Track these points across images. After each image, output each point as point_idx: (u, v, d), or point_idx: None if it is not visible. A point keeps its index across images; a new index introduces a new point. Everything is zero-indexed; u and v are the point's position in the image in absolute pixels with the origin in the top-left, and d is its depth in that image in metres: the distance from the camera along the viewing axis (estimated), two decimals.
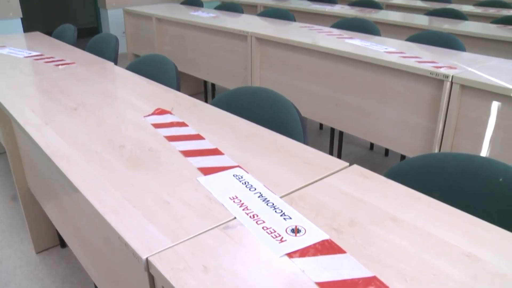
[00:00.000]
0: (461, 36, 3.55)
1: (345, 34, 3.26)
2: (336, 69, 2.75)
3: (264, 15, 4.27)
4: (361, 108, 2.66)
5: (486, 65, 2.42)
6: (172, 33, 4.26)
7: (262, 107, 1.70)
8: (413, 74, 2.35)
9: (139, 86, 2.06)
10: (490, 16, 4.59)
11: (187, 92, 4.74)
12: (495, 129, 2.09)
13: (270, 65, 3.21)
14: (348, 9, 4.86)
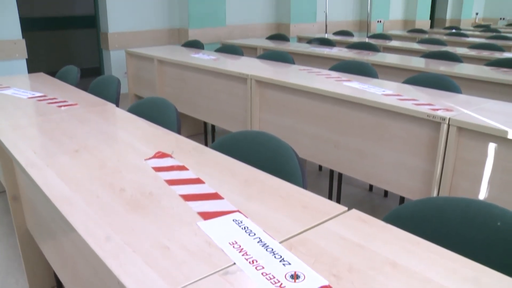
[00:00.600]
0: (456, 78, 3.61)
1: (343, 76, 3.32)
2: (335, 112, 2.79)
3: (264, 58, 4.34)
4: (359, 150, 2.68)
5: (481, 107, 2.46)
6: (173, 74, 4.33)
7: (262, 151, 1.72)
8: (411, 117, 2.39)
9: (140, 129, 2.09)
10: (484, 58, 4.68)
11: (187, 133, 4.78)
12: (493, 170, 2.11)
13: (270, 107, 3.26)
14: (346, 52, 4.96)
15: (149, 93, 4.74)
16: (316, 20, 8.27)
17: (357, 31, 9.57)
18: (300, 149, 3.06)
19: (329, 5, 8.71)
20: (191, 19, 6.40)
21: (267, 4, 7.82)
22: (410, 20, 10.86)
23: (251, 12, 7.59)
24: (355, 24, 9.64)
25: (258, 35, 7.58)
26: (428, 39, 6.44)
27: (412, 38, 7.34)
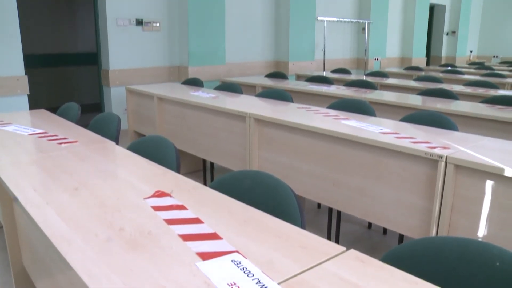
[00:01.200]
0: (453, 115, 3.66)
1: (341, 114, 3.36)
2: (333, 150, 2.81)
3: (263, 96, 4.40)
4: (358, 187, 2.69)
5: (478, 144, 2.48)
6: (172, 112, 4.37)
7: (261, 190, 1.73)
8: (408, 155, 2.41)
9: (139, 167, 2.10)
10: (480, 95, 4.75)
11: (187, 170, 4.79)
12: (491, 207, 2.11)
13: (268, 145, 3.28)
14: (343, 90, 5.02)
15: (149, 130, 4.78)
16: (314, 58, 8.41)
17: (355, 69, 9.71)
18: (298, 187, 3.06)
19: (327, 43, 8.87)
20: (191, 57, 6.50)
21: (266, 43, 7.96)
22: (406, 58, 11.04)
23: (250, 51, 7.72)
24: (352, 62, 9.79)
25: (257, 72, 7.69)
26: (425, 77, 6.54)
27: (409, 76, 7.45)
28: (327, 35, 8.88)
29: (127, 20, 6.08)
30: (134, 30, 6.19)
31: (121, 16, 6.04)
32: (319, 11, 8.49)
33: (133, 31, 6.19)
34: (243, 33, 7.55)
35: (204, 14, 6.55)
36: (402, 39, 11.11)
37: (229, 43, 7.18)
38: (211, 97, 4.25)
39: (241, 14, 7.45)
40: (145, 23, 6.27)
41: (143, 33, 6.29)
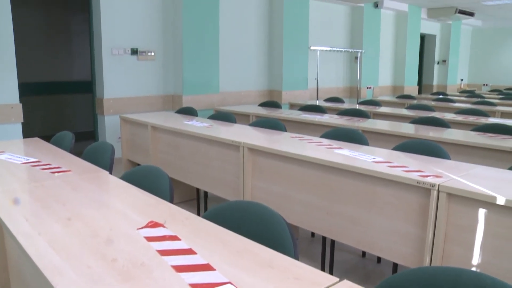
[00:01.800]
0: (445, 143, 3.69)
1: (334, 144, 3.38)
2: (326, 179, 2.82)
3: (256, 125, 4.42)
4: (351, 216, 2.69)
5: (470, 173, 2.50)
6: (166, 141, 4.38)
7: (254, 221, 1.74)
8: (401, 183, 2.42)
9: (133, 197, 2.10)
10: (471, 123, 4.80)
11: (180, 199, 4.78)
12: (484, 236, 2.12)
13: (262, 174, 3.29)
14: (337, 119, 5.06)
15: (143, 159, 4.78)
16: (308, 87, 8.49)
17: (348, 97, 9.81)
18: (292, 216, 3.06)
19: (320, 73, 8.97)
20: (185, 86, 6.55)
21: (259, 72, 8.04)
22: (399, 86, 11.17)
23: (244, 80, 7.80)
24: (345, 91, 9.89)
25: (251, 101, 7.75)
26: (417, 105, 6.61)
27: (401, 104, 7.53)
28: (320, 64, 8.99)
29: (122, 49, 6.14)
30: (129, 59, 6.26)
31: (116, 45, 6.10)
32: (312, 41, 8.61)
33: (128, 60, 6.25)
34: (237, 62, 7.64)
35: (199, 43, 6.63)
36: (394, 68, 11.27)
37: (223, 72, 7.26)
38: (204, 126, 4.27)
39: (235, 43, 7.55)
40: (140, 52, 6.34)
41: (138, 62, 6.35)
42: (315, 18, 8.76)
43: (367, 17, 9.74)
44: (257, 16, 7.90)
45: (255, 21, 7.87)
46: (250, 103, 7.69)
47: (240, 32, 7.64)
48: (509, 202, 2.01)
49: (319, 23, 9.00)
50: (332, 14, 9.39)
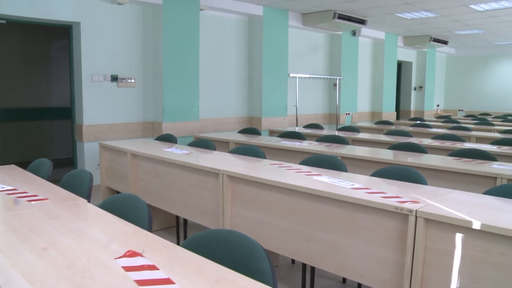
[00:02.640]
0: (422, 168, 3.74)
1: (313, 170, 3.40)
2: (306, 206, 2.83)
3: (236, 152, 4.42)
4: (331, 243, 2.69)
5: (446, 198, 2.54)
6: (146, 168, 4.36)
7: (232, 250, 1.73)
8: (380, 210, 2.44)
9: (111, 226, 2.08)
10: (447, 149, 4.88)
11: (160, 226, 4.73)
12: (462, 260, 2.14)
13: (242, 201, 3.28)
14: (316, 145, 5.10)
15: (122, 186, 4.73)
16: (287, 114, 8.57)
17: (327, 124, 9.91)
18: (272, 243, 3.05)
19: (299, 99, 9.07)
20: (165, 113, 6.56)
21: (239, 99, 8.10)
22: (377, 112, 11.33)
23: (224, 106, 7.85)
24: (324, 117, 10.00)
25: (231, 128, 7.78)
26: (395, 131, 6.71)
27: (380, 130, 7.63)
28: (300, 91, 9.10)
29: (102, 75, 6.15)
30: (109, 86, 6.26)
31: (96, 71, 6.11)
32: (291, 68, 8.72)
33: (108, 87, 6.25)
34: (216, 89, 7.69)
35: (179, 70, 6.67)
36: (372, 94, 11.44)
37: (203, 99, 7.29)
38: (184, 153, 4.27)
39: (215, 71, 7.62)
40: (120, 79, 6.34)
41: (118, 89, 6.35)
42: (294, 46, 8.89)
43: (345, 44, 9.92)
44: (237, 43, 7.99)
45: (235, 48, 7.96)
46: (230, 130, 7.72)
47: (220, 59, 7.72)
48: (484, 226, 2.04)
49: (298, 51, 9.14)
50: (310, 41, 9.54)
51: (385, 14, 8.42)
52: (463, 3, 7.32)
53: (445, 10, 7.97)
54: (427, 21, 9.07)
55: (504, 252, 2.01)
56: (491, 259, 2.05)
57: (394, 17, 8.71)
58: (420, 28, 10.11)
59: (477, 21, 9.15)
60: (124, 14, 6.35)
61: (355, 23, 8.64)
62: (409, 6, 7.65)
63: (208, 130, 7.36)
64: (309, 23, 8.65)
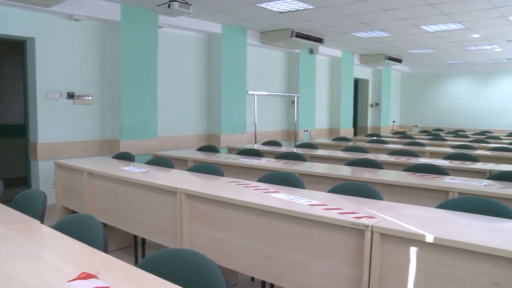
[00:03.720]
0: (378, 184, 3.82)
1: (271, 188, 3.42)
2: (263, 223, 2.84)
3: (194, 170, 4.40)
4: (289, 259, 2.71)
5: (401, 213, 2.60)
6: (103, 187, 4.28)
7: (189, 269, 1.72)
8: (336, 226, 2.47)
9: (64, 247, 2.03)
10: (402, 164, 5.01)
11: (117, 246, 4.64)
12: (417, 273, 2.19)
13: (200, 220, 3.26)
14: (274, 162, 5.13)
15: (78, 206, 4.63)
16: (246, 131, 8.60)
17: (286, 140, 9.99)
18: (231, 261, 3.04)
19: (258, 117, 9.12)
20: (123, 130, 6.48)
21: (198, 116, 8.09)
22: (335, 128, 11.51)
23: (183, 124, 7.81)
24: (283, 134, 10.08)
25: (189, 146, 7.74)
26: (352, 147, 6.84)
27: (337, 146, 7.75)
28: (258, 109, 9.16)
29: (58, 93, 6.03)
30: (65, 103, 6.14)
31: (52, 88, 5.99)
32: (250, 86, 8.78)
33: (63, 104, 6.13)
34: (175, 106, 7.66)
35: (137, 88, 6.62)
36: (330, 111, 11.63)
37: (162, 116, 7.24)
38: (142, 172, 4.22)
39: (174, 88, 7.59)
40: (76, 96, 6.24)
41: (74, 106, 6.24)
42: (253, 64, 8.97)
43: (303, 62, 10.07)
44: (196, 61, 8.01)
45: (193, 66, 7.97)
46: (189, 147, 7.67)
47: (179, 76, 7.70)
48: (437, 239, 2.10)
49: (257, 68, 9.22)
50: (269, 59, 9.65)
51: (341, 33, 8.62)
52: (414, 24, 7.58)
53: (398, 30, 8.23)
54: (381, 40, 9.33)
55: (455, 264, 2.07)
56: (443, 270, 2.11)
57: (350, 36, 8.92)
58: (375, 47, 10.39)
59: (428, 41, 9.48)
60: (81, 31, 6.27)
61: (313, 42, 8.79)
62: (364, 26, 7.86)
63: (167, 148, 7.30)
64: (267, 41, 8.75)
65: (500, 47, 10.11)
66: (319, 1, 6.16)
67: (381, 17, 7.10)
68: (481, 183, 3.66)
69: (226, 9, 6.73)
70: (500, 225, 2.45)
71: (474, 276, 2.03)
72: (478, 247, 2.00)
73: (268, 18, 7.35)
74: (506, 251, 1.93)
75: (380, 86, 13.60)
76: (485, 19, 7.10)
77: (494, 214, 2.61)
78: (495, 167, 4.63)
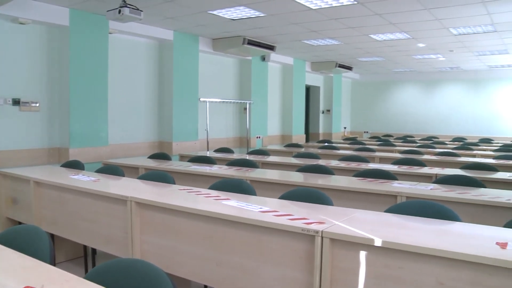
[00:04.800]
0: (329, 189, 3.89)
1: (222, 195, 3.42)
2: (215, 230, 2.84)
3: (145, 178, 4.34)
4: (241, 266, 2.71)
5: (351, 217, 2.66)
6: (51, 196, 4.15)
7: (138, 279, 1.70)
8: (287, 232, 2.50)
9: (7, 260, 1.96)
10: (353, 169, 5.11)
11: (66, 257, 4.52)
12: (367, 277, 2.24)
13: (151, 228, 3.22)
14: (226, 169, 5.13)
15: (25, 216, 4.47)
16: (198, 138, 8.56)
17: (238, 147, 10.01)
18: (183, 269, 3.01)
19: (210, 123, 9.10)
20: (72, 138, 6.31)
21: (149, 123, 7.99)
22: (287, 135, 11.62)
23: (134, 131, 7.69)
24: (235, 141, 10.10)
25: (141, 153, 7.63)
26: (304, 153, 6.93)
27: (289, 153, 7.83)
28: (210, 115, 9.14)
29: (2, 99, 5.81)
30: (9, 110, 5.92)
31: None
32: (202, 92, 8.76)
33: (8, 111, 5.91)
34: (127, 113, 7.54)
35: (87, 94, 6.47)
36: (282, 117, 11.74)
37: (112, 124, 7.10)
38: (91, 180, 4.13)
39: (125, 95, 7.48)
40: (22, 103, 6.03)
41: (20, 113, 6.03)
42: (205, 71, 8.95)
43: (255, 69, 10.14)
44: (147, 67, 7.92)
45: (145, 72, 7.88)
46: (141, 155, 7.56)
47: (130, 83, 7.59)
48: (385, 243, 2.16)
49: (209, 75, 9.21)
50: (221, 66, 9.65)
51: (293, 40, 8.73)
52: (363, 32, 7.79)
53: (348, 39, 8.42)
54: (332, 48, 9.51)
55: (402, 266, 2.14)
56: (391, 273, 2.17)
57: (301, 43, 9.05)
58: (326, 54, 10.59)
59: (376, 50, 9.75)
60: (27, 35, 6.07)
61: (264, 49, 8.87)
62: (315, 34, 8.00)
63: (118, 155, 7.16)
64: (219, 48, 8.76)
65: (443, 57, 10.52)
66: (270, 9, 6.23)
67: (331, 26, 7.25)
68: (427, 187, 3.79)
69: (178, 16, 6.70)
70: (444, 227, 2.54)
71: (420, 277, 2.10)
72: (424, 249, 2.07)
73: (220, 25, 7.37)
74: (449, 252, 2.01)
75: (331, 93, 13.86)
76: (429, 29, 7.37)
77: (439, 217, 2.71)
78: (440, 171, 4.80)
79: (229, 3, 5.92)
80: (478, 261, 1.95)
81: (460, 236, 2.41)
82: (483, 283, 1.94)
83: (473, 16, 6.35)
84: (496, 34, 7.61)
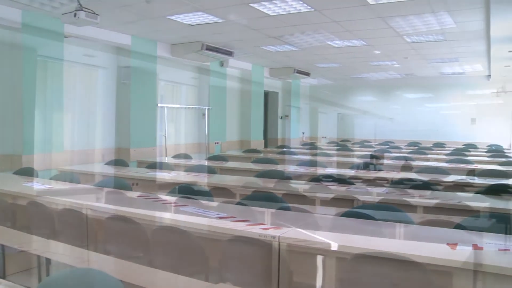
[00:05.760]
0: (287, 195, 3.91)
1: (180, 201, 3.40)
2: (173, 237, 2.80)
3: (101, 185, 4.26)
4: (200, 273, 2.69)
5: (307, 222, 2.70)
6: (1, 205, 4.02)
7: None
8: (245, 237, 2.51)
9: None
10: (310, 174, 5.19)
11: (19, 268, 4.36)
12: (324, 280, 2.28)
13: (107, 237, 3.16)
14: (184, 175, 5.10)
15: None
16: (156, 144, 8.47)
17: (197, 153, 9.94)
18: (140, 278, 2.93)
19: (168, 129, 9.02)
20: (25, 144, 6.12)
21: (106, 129, 7.85)
22: (246, 140, 11.64)
23: (91, 138, 7.54)
24: (194, 147, 10.04)
25: (98, 160, 7.48)
26: (262, 159, 6.97)
27: (248, 158, 7.85)
28: (169, 121, 9.06)
29: None
30: None
31: None
32: (160, 98, 8.68)
33: None
34: (83, 119, 7.39)
35: (41, 99, 6.30)
36: (240, 123, 11.75)
37: (68, 129, 6.94)
38: (46, 188, 4.03)
39: (81, 100, 7.33)
40: None
41: None
42: (163, 76, 8.87)
43: (213, 75, 10.11)
44: (105, 72, 7.79)
45: (102, 78, 7.75)
46: (98, 161, 7.42)
47: (86, 88, 7.45)
48: (341, 247, 2.21)
49: (168, 81, 9.14)
50: (180, 72, 9.59)
51: (251, 46, 8.77)
52: (321, 39, 7.91)
53: (306, 45, 8.52)
54: (290, 54, 9.60)
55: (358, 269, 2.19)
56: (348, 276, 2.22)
57: (260, 49, 9.10)
58: (285, 60, 10.68)
59: (334, 56, 9.91)
60: None
61: (223, 55, 8.87)
62: (274, 40, 8.06)
63: (74, 162, 6.99)
64: (178, 54, 8.70)
65: (398, 63, 10.80)
66: (228, 15, 6.24)
67: (289, 32, 7.33)
68: (383, 190, 3.88)
69: (136, 20, 6.62)
70: (398, 230, 2.62)
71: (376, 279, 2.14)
72: (379, 253, 2.13)
73: (179, 31, 7.33)
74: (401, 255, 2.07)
75: (289, 98, 13.98)
76: (384, 37, 7.55)
77: (394, 220, 2.78)
78: (395, 175, 4.92)
79: (188, 8, 5.90)
80: (430, 262, 2.01)
81: (413, 238, 2.48)
82: (435, 283, 2.01)
83: (425, 25, 6.55)
84: (446, 43, 7.88)
